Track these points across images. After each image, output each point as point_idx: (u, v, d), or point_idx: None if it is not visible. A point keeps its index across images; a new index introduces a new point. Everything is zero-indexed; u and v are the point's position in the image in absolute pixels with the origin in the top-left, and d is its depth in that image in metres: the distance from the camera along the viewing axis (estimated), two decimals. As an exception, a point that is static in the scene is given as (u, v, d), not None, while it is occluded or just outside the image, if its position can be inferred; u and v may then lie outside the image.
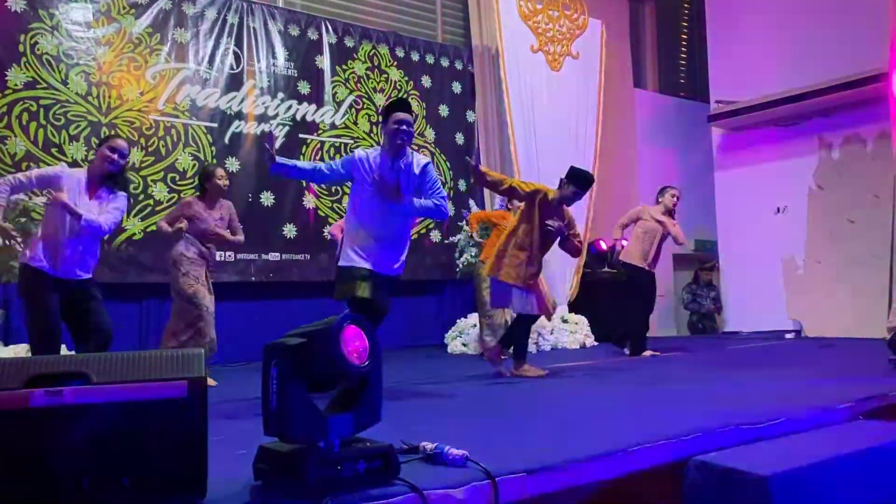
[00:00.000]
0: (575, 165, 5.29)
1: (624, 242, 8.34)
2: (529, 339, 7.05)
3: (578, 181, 4.96)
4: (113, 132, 6.47)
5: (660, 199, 6.70)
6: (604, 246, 9.12)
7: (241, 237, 5.23)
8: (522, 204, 5.08)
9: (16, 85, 6.09)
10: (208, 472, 1.84)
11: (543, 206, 4.93)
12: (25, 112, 6.11)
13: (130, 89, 6.64)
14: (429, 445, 2.17)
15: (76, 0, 6.42)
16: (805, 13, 8.50)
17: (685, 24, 11.82)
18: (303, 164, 4.24)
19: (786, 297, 8.82)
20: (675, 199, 6.62)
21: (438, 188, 4.15)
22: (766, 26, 8.86)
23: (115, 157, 4.15)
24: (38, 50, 6.20)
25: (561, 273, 8.47)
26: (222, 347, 5.30)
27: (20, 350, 5.19)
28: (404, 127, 3.96)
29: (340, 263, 4.03)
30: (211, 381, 4.96)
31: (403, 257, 4.14)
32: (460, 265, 7.84)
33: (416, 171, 4.08)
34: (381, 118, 4.24)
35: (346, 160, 4.14)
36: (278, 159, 3.99)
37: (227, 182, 5.16)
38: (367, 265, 3.93)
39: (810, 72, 8.24)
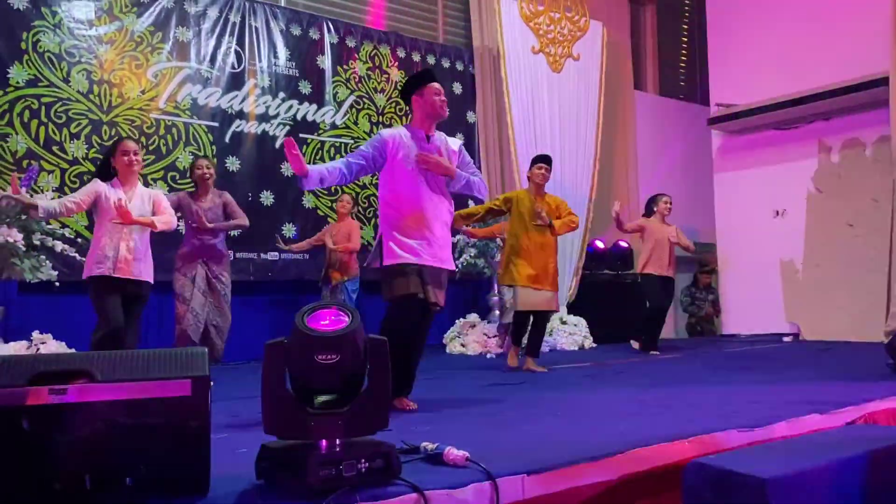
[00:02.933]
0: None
1: (623, 243, 8.41)
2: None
3: (533, 160, 5.52)
4: (113, 131, 6.48)
5: (654, 209, 6.91)
6: (601, 245, 9.14)
7: (239, 220, 5.12)
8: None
9: (17, 83, 6.09)
10: (211, 470, 1.86)
11: (522, 206, 5.34)
12: (27, 110, 6.12)
13: (132, 88, 6.65)
14: (430, 446, 2.18)
15: (78, -2, 6.43)
16: (805, 17, 8.52)
17: (685, 26, 11.84)
18: (331, 169, 3.56)
19: (784, 300, 8.84)
20: (668, 206, 6.91)
21: (476, 168, 3.90)
22: (766, 30, 8.88)
23: (133, 157, 4.26)
24: (40, 48, 6.21)
25: (560, 274, 8.46)
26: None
27: (20, 347, 5.19)
28: (444, 97, 3.71)
29: (386, 262, 3.57)
30: None
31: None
32: (459, 265, 7.86)
33: (454, 148, 3.80)
34: (406, 91, 3.78)
35: (376, 145, 3.64)
36: (309, 171, 3.42)
37: (209, 172, 5.04)
38: (416, 260, 3.53)
39: (810, 75, 8.26)
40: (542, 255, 5.27)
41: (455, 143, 3.88)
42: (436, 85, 3.72)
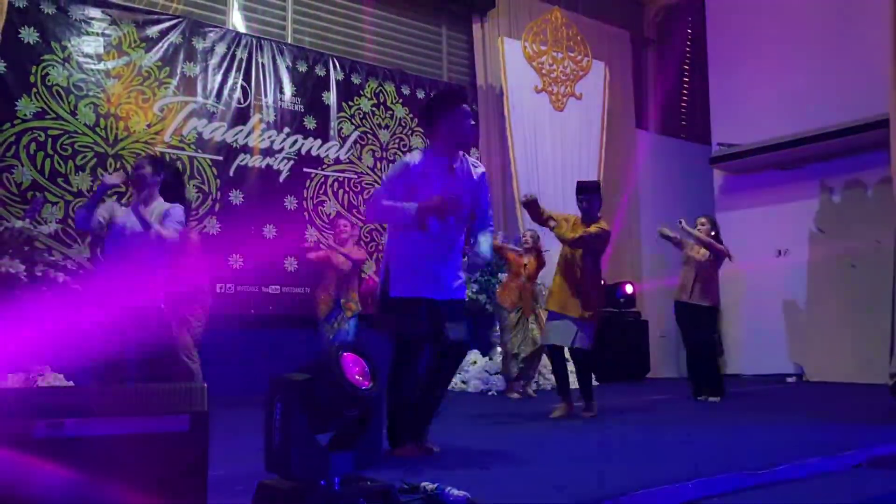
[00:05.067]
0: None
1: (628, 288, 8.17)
2: (536, 375, 7.11)
3: (579, 190, 5.16)
4: (118, 164, 6.52)
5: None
6: (630, 290, 9.12)
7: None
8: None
9: (25, 115, 6.15)
10: (207, 509, 1.83)
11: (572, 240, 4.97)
12: (33, 142, 6.17)
13: (138, 121, 6.71)
14: (429, 486, 2.15)
15: (88, 33, 6.52)
16: (806, 59, 8.61)
17: (687, 67, 11.98)
18: (396, 210, 3.32)
19: (787, 340, 8.79)
20: (680, 225, 6.40)
21: (488, 207, 3.63)
22: (768, 71, 8.97)
23: (139, 172, 4.01)
24: (48, 81, 6.28)
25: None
26: (220, 380, 5.26)
27: (18, 380, 5.15)
28: (473, 122, 3.44)
29: (392, 294, 3.32)
30: None
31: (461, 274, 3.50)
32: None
33: (475, 176, 3.52)
34: (431, 111, 3.46)
35: (405, 171, 3.37)
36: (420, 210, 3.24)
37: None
38: (424, 294, 3.30)
39: (811, 116, 8.32)
40: (586, 284, 5.06)
41: (478, 168, 3.61)
42: (467, 108, 3.45)
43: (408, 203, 3.29)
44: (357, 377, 1.87)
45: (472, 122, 3.46)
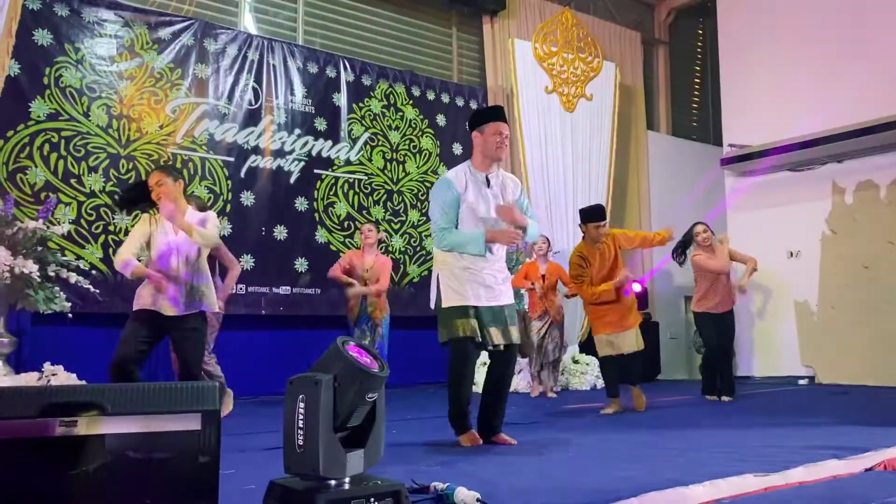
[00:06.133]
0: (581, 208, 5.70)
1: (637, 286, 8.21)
2: (559, 376, 7.47)
3: (583, 216, 5.38)
4: (131, 165, 6.56)
5: (695, 244, 6.25)
6: (637, 288, 9.08)
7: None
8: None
9: (39, 116, 6.20)
10: (219, 507, 1.84)
11: (591, 261, 5.31)
12: (47, 143, 6.21)
13: (150, 122, 6.75)
14: (440, 486, 2.15)
15: (101, 35, 6.57)
16: (818, 58, 8.56)
17: (698, 67, 11.94)
18: (468, 243, 3.57)
19: (799, 342, 8.74)
20: (704, 235, 6.25)
21: (532, 212, 3.92)
22: (780, 71, 8.92)
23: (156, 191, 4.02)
24: (62, 83, 6.33)
25: (573, 313, 8.44)
26: (232, 379, 5.30)
27: (31, 378, 5.19)
28: (506, 139, 3.63)
29: (444, 305, 3.58)
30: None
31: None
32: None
33: (512, 186, 3.77)
34: (469, 125, 3.72)
35: (451, 190, 3.57)
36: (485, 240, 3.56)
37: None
38: (475, 302, 3.55)
39: (823, 117, 8.26)
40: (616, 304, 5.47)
41: (515, 179, 3.86)
42: (497, 124, 3.61)
43: (471, 232, 3.58)
44: (365, 360, 1.90)
45: (501, 139, 3.60)
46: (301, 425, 1.83)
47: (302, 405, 1.83)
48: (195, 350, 4.05)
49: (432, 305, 3.73)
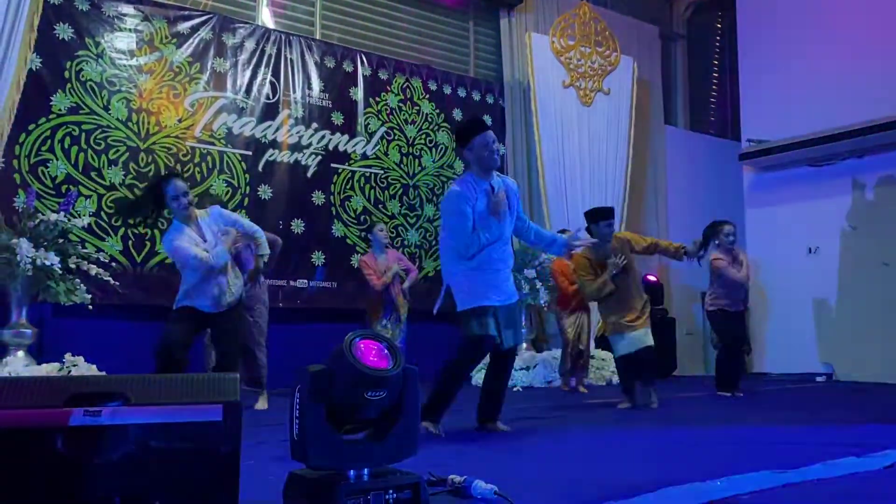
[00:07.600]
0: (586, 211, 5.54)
1: (651, 277, 8.21)
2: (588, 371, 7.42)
3: (589, 217, 5.25)
4: (150, 158, 6.62)
5: (716, 240, 6.11)
6: (652, 279, 9.06)
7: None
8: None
9: (60, 110, 6.26)
10: (239, 497, 1.86)
11: (598, 263, 5.20)
12: (68, 136, 6.28)
13: (169, 116, 6.80)
14: (457, 478, 2.17)
15: (121, 29, 6.62)
16: (838, 52, 8.47)
17: (716, 62, 11.85)
18: (482, 234, 3.75)
19: (817, 339, 8.67)
20: (729, 237, 6.16)
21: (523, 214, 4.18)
22: (799, 65, 8.84)
23: (182, 199, 4.21)
24: (82, 76, 6.39)
25: (590, 309, 8.41)
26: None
27: (52, 369, 5.25)
28: (496, 146, 3.86)
29: (465, 306, 3.74)
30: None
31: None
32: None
33: (515, 189, 4.01)
34: (456, 142, 3.96)
35: (469, 202, 3.74)
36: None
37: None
38: (491, 303, 3.74)
39: (843, 112, 8.18)
40: (629, 301, 5.33)
41: (512, 183, 4.05)
42: (483, 136, 3.77)
43: (483, 225, 3.75)
44: (372, 359, 1.88)
45: (490, 150, 3.78)
46: (296, 415, 1.86)
47: (297, 395, 1.86)
48: (236, 342, 4.44)
49: (435, 311, 3.94)
